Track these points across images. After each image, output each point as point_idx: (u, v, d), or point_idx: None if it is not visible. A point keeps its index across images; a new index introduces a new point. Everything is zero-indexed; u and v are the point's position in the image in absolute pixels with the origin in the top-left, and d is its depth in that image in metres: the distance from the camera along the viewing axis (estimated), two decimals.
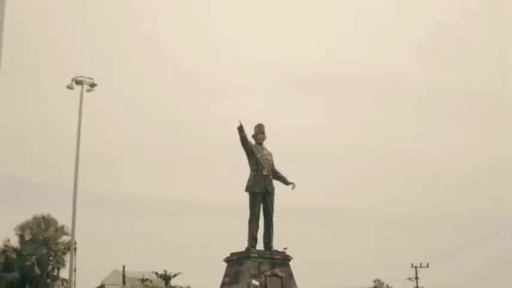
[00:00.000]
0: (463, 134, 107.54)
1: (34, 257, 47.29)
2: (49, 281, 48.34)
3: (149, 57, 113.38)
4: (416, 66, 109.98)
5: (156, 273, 48.99)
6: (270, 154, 27.73)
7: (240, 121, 26.58)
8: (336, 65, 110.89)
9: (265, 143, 27.93)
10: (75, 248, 39.22)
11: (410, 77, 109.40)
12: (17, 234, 48.68)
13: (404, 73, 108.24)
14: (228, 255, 28.22)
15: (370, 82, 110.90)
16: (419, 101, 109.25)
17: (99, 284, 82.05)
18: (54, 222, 49.31)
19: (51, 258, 48.75)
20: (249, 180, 27.26)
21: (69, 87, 33.58)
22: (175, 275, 48.47)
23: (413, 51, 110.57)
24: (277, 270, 27.08)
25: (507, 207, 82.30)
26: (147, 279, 50.44)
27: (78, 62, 79.98)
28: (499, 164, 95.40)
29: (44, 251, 48.16)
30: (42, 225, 49.11)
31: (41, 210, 50.31)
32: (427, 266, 63.85)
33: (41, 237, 48.38)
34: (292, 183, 27.94)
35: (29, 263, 46.77)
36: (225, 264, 28.25)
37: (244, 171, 27.95)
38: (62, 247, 48.48)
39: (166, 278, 48.20)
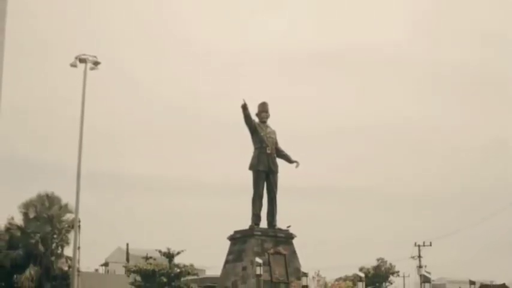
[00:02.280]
0: (465, 111, 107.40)
1: (38, 234, 47.35)
2: (53, 258, 48.42)
3: (153, 34, 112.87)
4: (413, 41, 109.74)
5: (160, 251, 49.01)
6: (273, 132, 27.72)
7: (243, 99, 26.56)
8: (334, 41, 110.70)
9: (269, 121, 27.94)
10: (79, 226, 39.32)
11: (408, 52, 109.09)
12: (21, 212, 48.67)
13: (403, 48, 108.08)
14: (232, 233, 28.31)
15: (367, 58, 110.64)
16: (418, 77, 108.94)
17: (103, 261, 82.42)
18: (58, 200, 49.27)
19: (55, 236, 48.79)
20: (253, 158, 27.28)
21: (73, 65, 33.53)
22: (178, 253, 48.44)
23: (411, 27, 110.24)
24: (280, 248, 27.14)
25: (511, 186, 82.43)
26: (150, 257, 50.49)
27: (83, 40, 79.79)
28: (502, 142, 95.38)
29: (48, 228, 48.20)
30: (46, 203, 49.05)
31: (44, 189, 50.26)
32: (430, 245, 64.04)
33: (45, 215, 48.38)
34: (296, 161, 27.96)
35: (33, 241, 46.86)
36: (228, 242, 28.34)
37: (248, 149, 27.98)
38: (66, 225, 48.51)
39: (169, 256, 48.19)
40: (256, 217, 26.96)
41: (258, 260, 23.50)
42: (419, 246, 64.32)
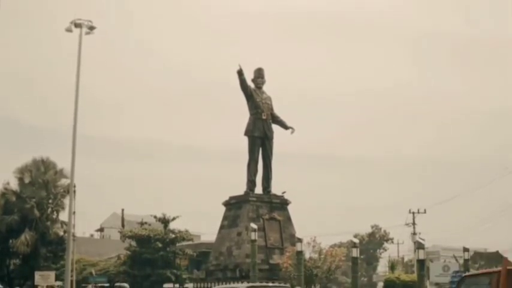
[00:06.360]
0: (463, 78, 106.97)
1: (33, 199, 47.41)
2: (49, 223, 48.58)
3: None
4: (410, 6, 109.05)
5: (155, 217, 49.02)
6: (269, 98, 27.74)
7: (239, 65, 26.52)
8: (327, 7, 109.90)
9: (265, 87, 27.89)
10: (75, 192, 39.36)
11: (400, 18, 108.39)
12: (16, 177, 48.69)
13: (400, 13, 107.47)
14: (227, 198, 28.40)
15: (365, 22, 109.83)
16: (415, 44, 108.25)
17: (98, 226, 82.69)
18: (54, 165, 49.27)
19: (50, 201, 48.88)
20: (248, 124, 27.32)
21: (68, 30, 33.21)
22: (173, 219, 48.47)
23: None
24: (275, 214, 27.29)
25: (508, 153, 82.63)
26: (145, 223, 50.56)
27: (87, 3, 78.96)
28: (502, 110, 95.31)
29: (44, 193, 48.26)
30: (42, 168, 49.04)
31: (40, 153, 50.25)
32: (425, 212, 64.29)
33: (40, 180, 48.41)
34: (291, 127, 28.01)
35: (28, 206, 46.91)
36: (223, 208, 28.43)
37: (244, 115, 27.93)
38: (62, 190, 48.56)
39: (164, 221, 48.24)
40: (251, 183, 27.06)
41: (253, 225, 23.60)
42: (413, 213, 64.58)
